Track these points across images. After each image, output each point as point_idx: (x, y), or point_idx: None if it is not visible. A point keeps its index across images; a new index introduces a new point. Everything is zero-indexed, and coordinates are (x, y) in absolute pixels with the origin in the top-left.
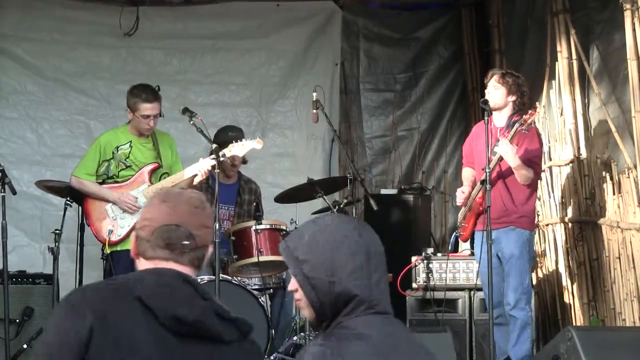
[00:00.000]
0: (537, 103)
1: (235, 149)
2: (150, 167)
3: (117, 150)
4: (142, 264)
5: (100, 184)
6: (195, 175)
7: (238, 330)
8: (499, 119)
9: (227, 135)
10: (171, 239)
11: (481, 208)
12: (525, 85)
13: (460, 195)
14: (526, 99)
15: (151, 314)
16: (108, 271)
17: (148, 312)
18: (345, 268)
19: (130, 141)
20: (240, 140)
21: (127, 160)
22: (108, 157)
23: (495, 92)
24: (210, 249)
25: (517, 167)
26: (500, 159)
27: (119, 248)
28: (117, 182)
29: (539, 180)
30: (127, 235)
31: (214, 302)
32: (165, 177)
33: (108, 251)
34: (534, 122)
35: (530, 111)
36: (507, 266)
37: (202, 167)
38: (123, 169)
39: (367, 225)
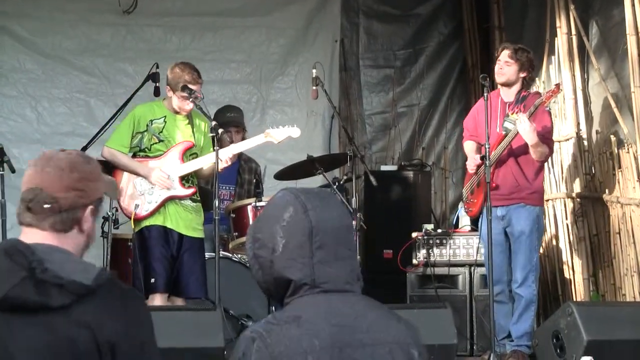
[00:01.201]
0: (537, 79)
1: (274, 134)
2: (184, 145)
3: (152, 124)
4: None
5: (132, 157)
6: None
7: (70, 292)
8: (508, 94)
9: (225, 116)
10: (32, 202)
11: (494, 184)
12: (535, 60)
13: (473, 161)
14: (535, 73)
15: None
16: (139, 248)
17: None
18: (285, 247)
19: (165, 116)
20: (277, 127)
21: (160, 134)
22: (142, 130)
23: (508, 68)
24: (87, 212)
25: (535, 144)
26: (515, 135)
27: (148, 223)
28: (149, 156)
29: None
30: (155, 210)
31: (37, 271)
32: (193, 158)
33: (135, 229)
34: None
35: (553, 88)
36: (516, 244)
37: (224, 155)
38: (155, 143)
39: (324, 196)
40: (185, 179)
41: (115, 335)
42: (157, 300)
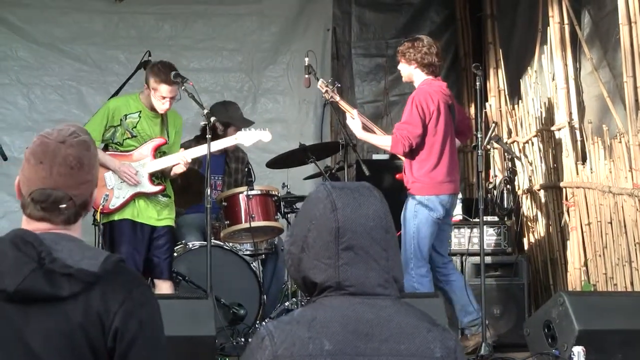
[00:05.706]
0: (529, 69)
1: (243, 138)
2: (157, 142)
3: (125, 118)
4: (23, 218)
5: (104, 148)
6: (178, 163)
7: (79, 281)
8: None
9: (224, 111)
10: (47, 202)
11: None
12: (424, 45)
13: None
14: (434, 58)
15: None
16: (108, 241)
17: None
18: (312, 247)
19: (140, 111)
20: (248, 129)
21: (133, 129)
22: (115, 124)
23: (400, 69)
24: (94, 195)
25: (360, 138)
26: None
27: (117, 217)
28: (121, 150)
29: (439, 148)
30: (123, 205)
31: (46, 261)
32: (163, 155)
33: (102, 220)
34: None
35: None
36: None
37: (185, 156)
38: (128, 138)
39: (361, 194)
40: (154, 176)
41: (120, 321)
42: None
